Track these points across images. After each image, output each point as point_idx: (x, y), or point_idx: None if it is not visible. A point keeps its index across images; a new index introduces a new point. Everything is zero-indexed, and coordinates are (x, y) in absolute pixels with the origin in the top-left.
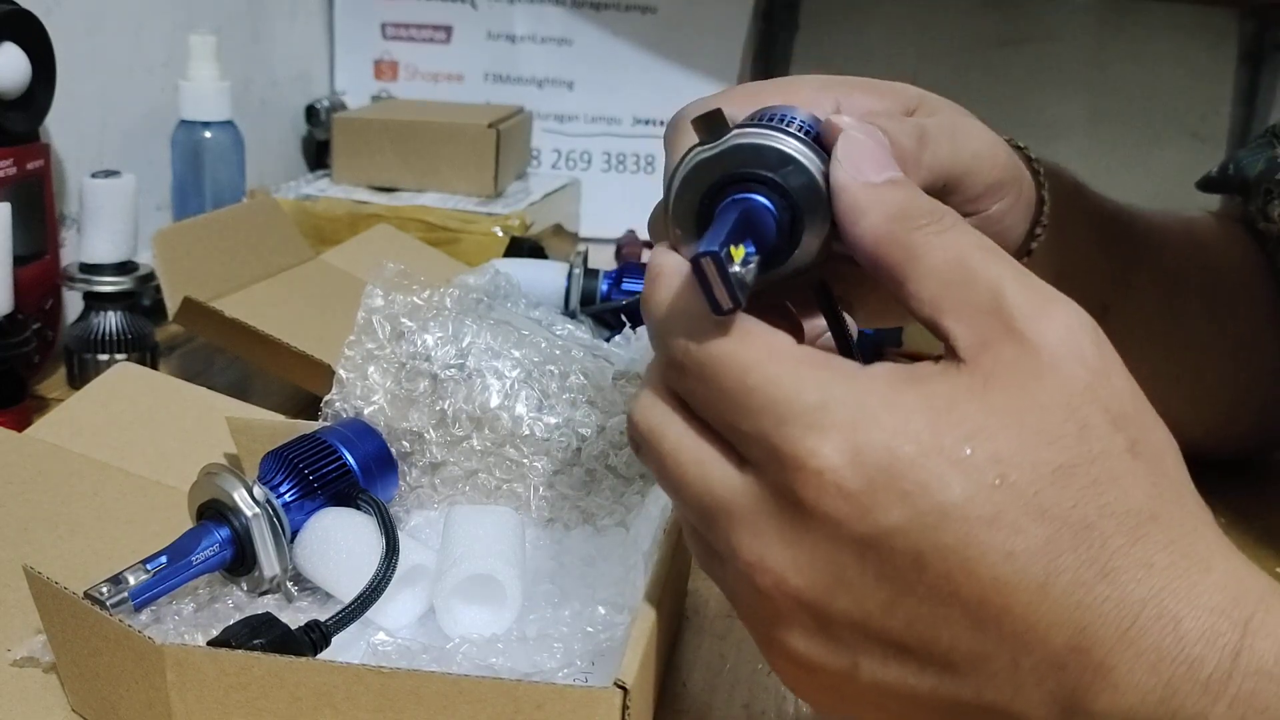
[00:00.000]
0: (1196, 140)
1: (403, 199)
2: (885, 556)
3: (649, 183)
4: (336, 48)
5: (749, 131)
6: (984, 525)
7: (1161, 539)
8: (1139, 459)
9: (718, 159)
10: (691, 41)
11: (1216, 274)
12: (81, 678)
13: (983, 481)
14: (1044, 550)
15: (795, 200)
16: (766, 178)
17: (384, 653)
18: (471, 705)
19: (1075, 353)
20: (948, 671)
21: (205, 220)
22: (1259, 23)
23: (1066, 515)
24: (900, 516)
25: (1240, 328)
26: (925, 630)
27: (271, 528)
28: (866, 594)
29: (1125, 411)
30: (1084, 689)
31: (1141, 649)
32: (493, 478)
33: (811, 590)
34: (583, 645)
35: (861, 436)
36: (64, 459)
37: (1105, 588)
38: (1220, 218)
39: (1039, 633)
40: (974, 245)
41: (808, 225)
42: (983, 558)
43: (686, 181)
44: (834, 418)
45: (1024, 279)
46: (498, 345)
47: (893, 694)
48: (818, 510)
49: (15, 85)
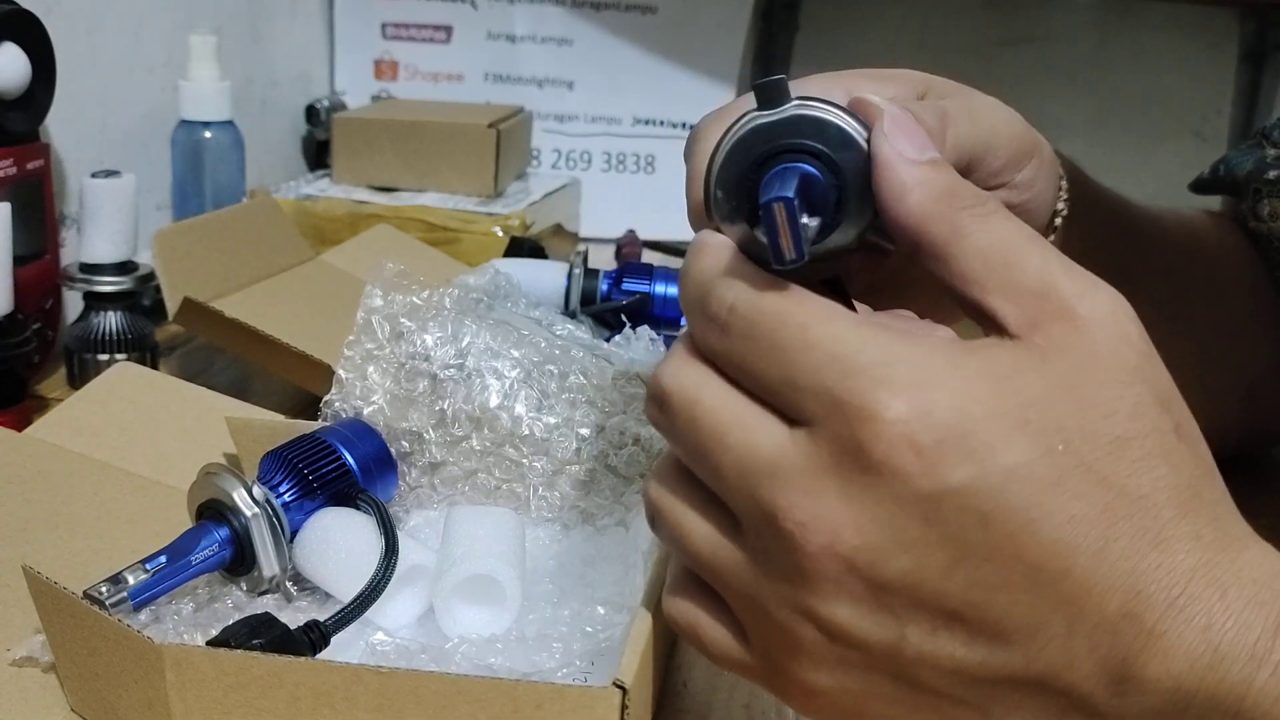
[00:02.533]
0: (1197, 140)
1: (403, 199)
2: (950, 516)
3: (649, 183)
4: (336, 48)
5: (812, 104)
6: (1048, 488)
7: (1206, 515)
8: (1184, 440)
9: (776, 126)
10: (691, 41)
11: (1213, 270)
12: (81, 677)
13: (1047, 446)
14: (1102, 516)
15: (846, 181)
16: (823, 153)
17: (383, 652)
18: (470, 705)
19: (1123, 335)
20: (999, 641)
21: (205, 220)
22: (1260, 23)
23: (1123, 485)
24: (967, 475)
25: (1235, 324)
26: (982, 595)
27: (271, 527)
28: (927, 555)
29: (1169, 395)
30: (1135, 655)
31: (1191, 615)
32: (492, 478)
33: (868, 550)
34: (582, 645)
35: (930, 394)
36: (63, 458)
37: (1158, 555)
38: (1214, 215)
39: (1094, 598)
40: (1019, 230)
41: (853, 209)
42: (1047, 519)
43: (740, 144)
44: (901, 375)
45: (1069, 264)
46: (497, 345)
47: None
48: (886, 464)
49: (15, 85)
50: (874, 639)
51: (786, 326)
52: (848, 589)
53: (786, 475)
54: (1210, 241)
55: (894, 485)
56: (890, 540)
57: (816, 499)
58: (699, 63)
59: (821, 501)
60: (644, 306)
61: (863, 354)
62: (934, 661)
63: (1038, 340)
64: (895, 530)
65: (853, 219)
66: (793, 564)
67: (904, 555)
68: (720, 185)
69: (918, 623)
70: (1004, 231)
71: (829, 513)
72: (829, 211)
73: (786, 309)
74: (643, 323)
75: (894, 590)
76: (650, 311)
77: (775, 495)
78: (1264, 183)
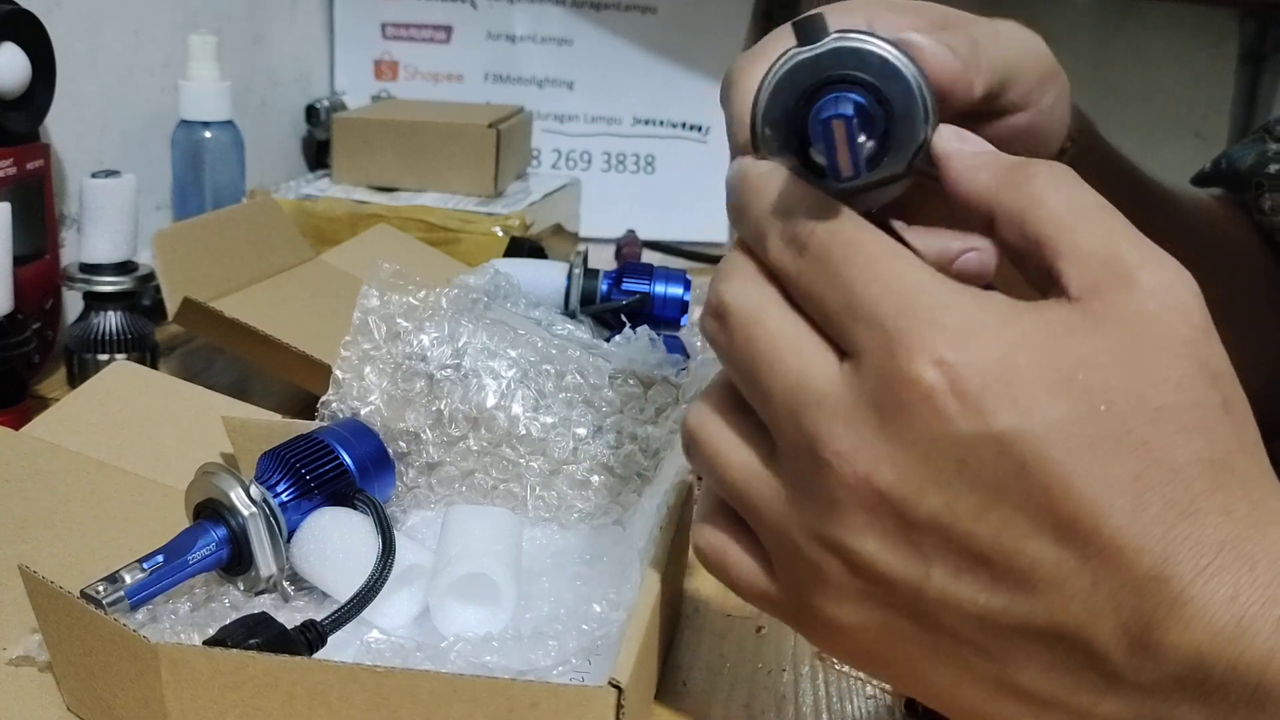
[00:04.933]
0: (1197, 140)
1: (403, 199)
2: (987, 461)
3: (649, 183)
4: (336, 48)
5: (851, 35)
6: (1087, 446)
7: (1240, 491)
8: (1230, 415)
9: (818, 60)
10: (691, 41)
11: (1229, 254)
12: (77, 677)
13: (1091, 405)
14: (1135, 482)
15: (894, 108)
16: (867, 81)
17: (378, 651)
18: (466, 704)
19: (1181, 307)
20: (1024, 589)
21: (205, 220)
22: (1259, 23)
23: (1159, 454)
24: (1009, 423)
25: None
26: (1011, 541)
27: (268, 527)
28: (959, 496)
29: (1221, 370)
30: (1159, 620)
31: (1218, 586)
32: (489, 477)
33: (903, 486)
34: (578, 643)
35: (979, 342)
36: (60, 457)
37: (1187, 526)
38: (1224, 200)
39: (1125, 556)
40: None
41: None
42: (1083, 475)
43: (783, 81)
44: (954, 320)
45: (1135, 234)
46: (494, 345)
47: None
48: (925, 405)
49: (15, 85)
50: (899, 576)
51: (858, 255)
52: (879, 523)
53: (833, 404)
54: (1226, 227)
55: (932, 426)
56: (925, 477)
57: (857, 430)
58: (699, 63)
59: (862, 434)
60: (644, 306)
61: (923, 295)
62: (956, 604)
63: (1095, 305)
64: (931, 469)
65: (901, 145)
66: (827, 493)
67: (937, 494)
68: (768, 123)
69: (944, 563)
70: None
71: (868, 446)
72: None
73: (860, 239)
74: (643, 323)
75: (924, 528)
76: (650, 311)
77: (818, 424)
78: (1265, 176)
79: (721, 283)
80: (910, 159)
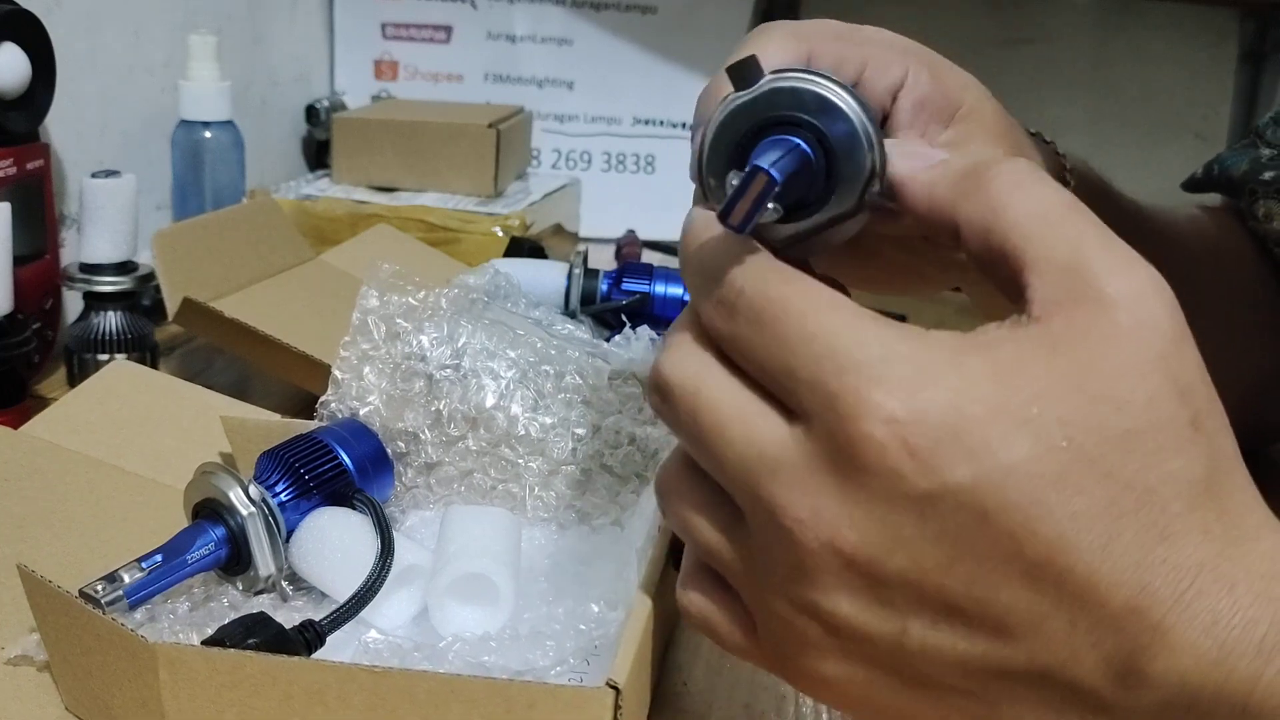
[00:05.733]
0: (1197, 140)
1: (403, 199)
2: (947, 514)
3: (649, 183)
4: (336, 48)
5: (786, 75)
6: (1049, 485)
7: (1216, 509)
8: (1200, 432)
9: (754, 104)
10: (691, 41)
11: (1221, 268)
12: (75, 676)
13: (1049, 442)
14: (1106, 511)
15: (834, 146)
16: (805, 121)
17: (376, 651)
18: (463, 705)
19: (1152, 318)
20: (1001, 635)
21: (205, 220)
22: (1259, 22)
23: (1130, 479)
24: (966, 474)
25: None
26: (983, 591)
27: (267, 527)
28: (924, 553)
29: (1192, 383)
30: (1140, 651)
31: (1198, 611)
32: (488, 478)
33: (866, 548)
34: (575, 643)
35: (927, 394)
36: (59, 456)
37: (1164, 550)
38: (1217, 212)
39: (1099, 593)
40: (1055, 197)
41: (845, 173)
42: (1047, 516)
43: (722, 128)
44: (898, 372)
45: (1106, 237)
46: (493, 345)
47: (939, 662)
48: (879, 466)
49: (15, 85)
50: (876, 632)
51: (789, 314)
52: (848, 584)
53: (787, 471)
54: (1216, 239)
55: (888, 485)
56: (888, 537)
57: (815, 496)
58: (699, 63)
59: (820, 498)
60: (644, 306)
61: (861, 349)
62: (937, 654)
63: (1055, 325)
64: (892, 528)
65: (847, 181)
66: (794, 559)
67: (901, 553)
68: (712, 172)
69: (919, 616)
70: (1040, 198)
71: (826, 510)
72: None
73: (790, 296)
74: (643, 323)
75: (894, 585)
76: (650, 311)
77: (775, 491)
78: (1259, 184)
79: (661, 355)
80: (860, 193)
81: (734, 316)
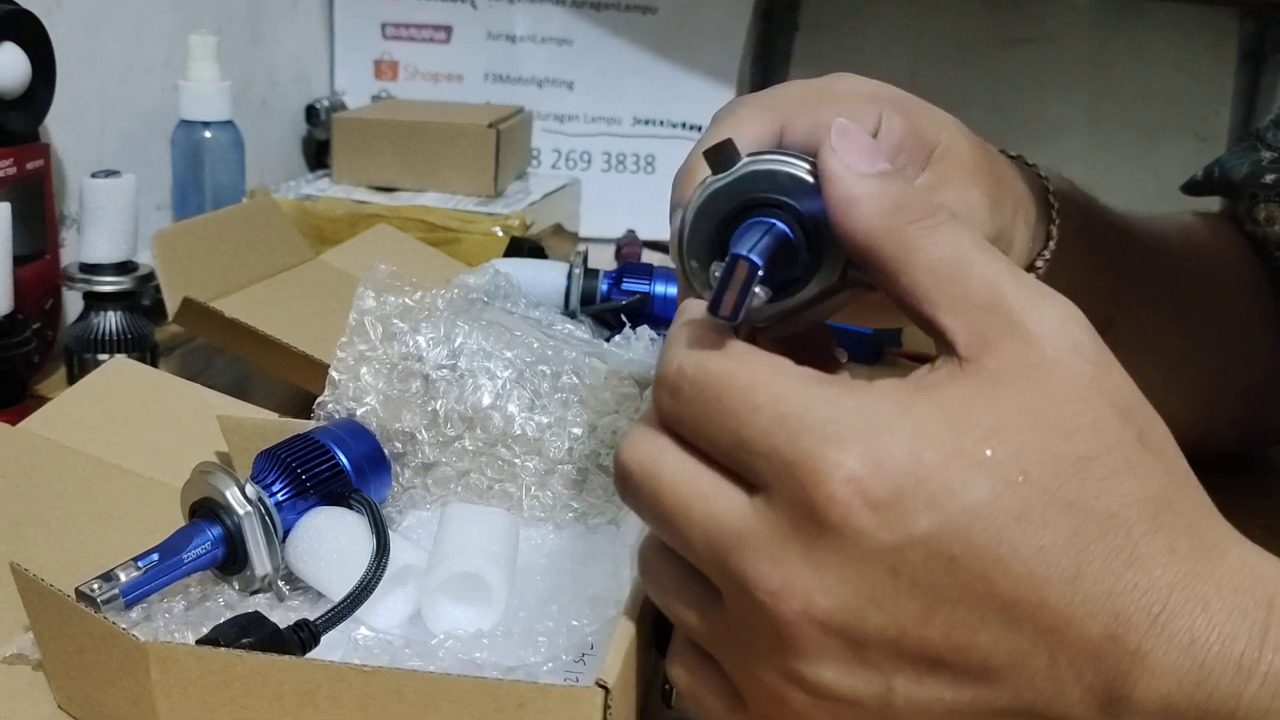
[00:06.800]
0: (1197, 140)
1: (403, 199)
2: (917, 565)
3: (649, 183)
4: (336, 48)
5: (763, 158)
6: (1013, 522)
7: (1180, 525)
8: (1148, 449)
9: (732, 187)
10: (691, 41)
11: (1213, 277)
12: (68, 675)
13: (1008, 479)
14: (1072, 542)
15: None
16: (783, 202)
17: (367, 648)
18: (454, 704)
19: (1076, 347)
20: (986, 679)
21: (205, 220)
22: (1259, 23)
23: (1090, 506)
24: (930, 522)
25: (1235, 326)
26: (962, 637)
27: (264, 526)
28: (900, 607)
29: (1130, 404)
30: (1121, 678)
31: (1174, 632)
32: (484, 477)
33: (842, 611)
34: (568, 640)
35: (881, 445)
36: (57, 453)
37: (1134, 574)
38: (1212, 218)
39: (1075, 625)
40: (969, 242)
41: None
42: (1015, 554)
43: (701, 212)
44: (850, 428)
45: (1018, 275)
46: (489, 346)
47: (929, 714)
48: (844, 525)
49: (15, 85)
50: (863, 694)
51: (732, 389)
52: (829, 650)
53: (752, 544)
54: (1210, 247)
55: (855, 543)
56: (862, 598)
57: (783, 566)
58: (699, 63)
59: (789, 568)
60: (644, 306)
61: (809, 412)
62: (925, 706)
63: (988, 363)
64: (865, 588)
65: (830, 258)
66: (772, 631)
67: (877, 611)
68: (692, 255)
69: (903, 673)
70: (953, 244)
71: (797, 579)
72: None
73: (730, 370)
74: (643, 323)
75: (874, 645)
76: (650, 311)
77: (744, 566)
78: (1260, 187)
79: (622, 442)
80: (842, 269)
81: (678, 397)
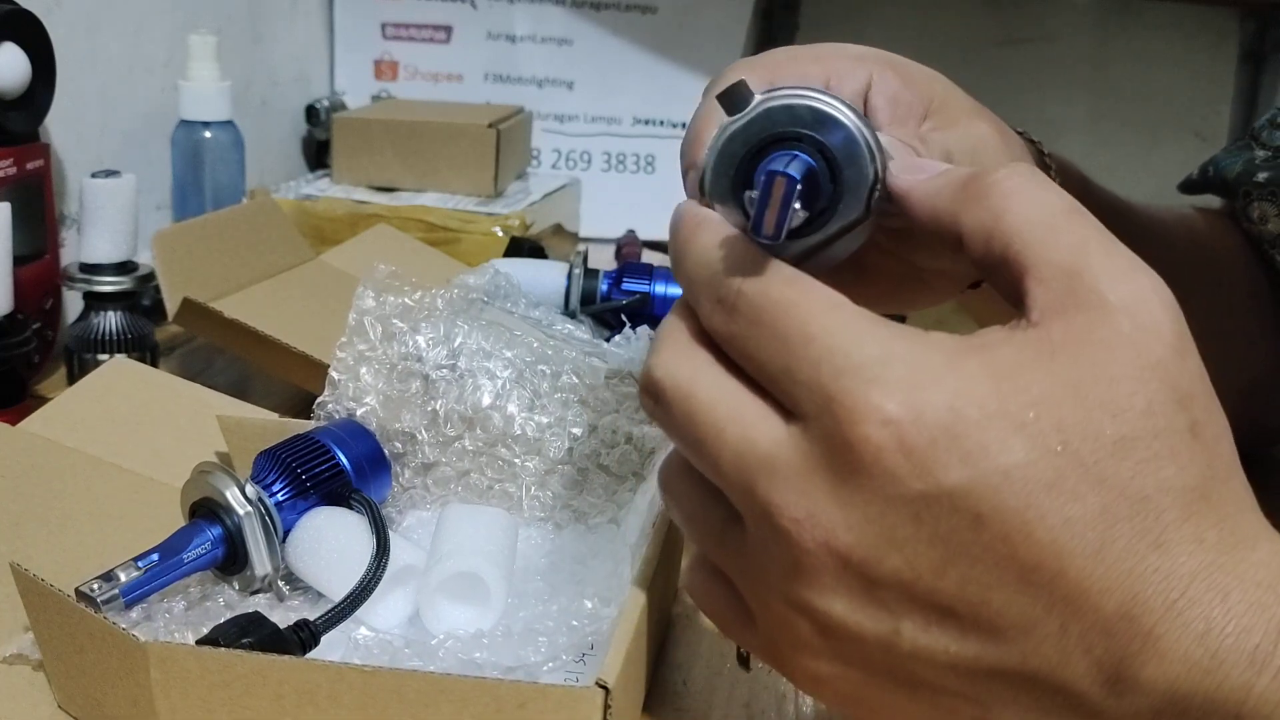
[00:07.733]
0: (1197, 140)
1: (403, 199)
2: (942, 516)
3: (649, 183)
4: (336, 48)
5: (777, 94)
6: (1044, 489)
7: (1212, 517)
8: (1197, 440)
9: (749, 127)
10: (691, 41)
11: (1213, 269)
12: (68, 675)
13: (1045, 447)
14: (1100, 518)
15: (837, 155)
16: (805, 135)
17: (367, 648)
18: (454, 704)
19: (1153, 325)
20: (993, 637)
21: (205, 220)
22: (1259, 22)
23: (1124, 486)
24: (961, 477)
25: (1234, 322)
26: (976, 593)
27: (264, 526)
28: (918, 553)
29: (1192, 391)
30: (1131, 657)
31: (1190, 619)
32: (485, 477)
33: (861, 548)
34: (568, 639)
35: (924, 395)
36: (57, 453)
37: (1157, 558)
38: (1212, 214)
39: (1091, 598)
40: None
41: (849, 181)
42: (1041, 520)
43: (722, 154)
44: (896, 373)
45: (1109, 243)
46: (489, 346)
47: (931, 664)
48: (875, 466)
49: (15, 85)
50: (869, 633)
51: (790, 316)
52: (843, 584)
53: (783, 472)
54: (1209, 241)
55: (884, 485)
56: (882, 538)
57: (811, 497)
58: (699, 63)
59: (815, 499)
60: (644, 306)
61: (860, 351)
62: (929, 655)
63: (1055, 331)
64: (886, 529)
65: (853, 189)
66: (790, 559)
67: (896, 554)
68: (716, 198)
69: (912, 618)
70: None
71: (822, 511)
72: (826, 187)
73: (791, 297)
74: (643, 323)
75: (887, 586)
76: (650, 311)
77: (771, 492)
78: (1253, 185)
79: (652, 356)
80: (867, 200)
81: (734, 316)
